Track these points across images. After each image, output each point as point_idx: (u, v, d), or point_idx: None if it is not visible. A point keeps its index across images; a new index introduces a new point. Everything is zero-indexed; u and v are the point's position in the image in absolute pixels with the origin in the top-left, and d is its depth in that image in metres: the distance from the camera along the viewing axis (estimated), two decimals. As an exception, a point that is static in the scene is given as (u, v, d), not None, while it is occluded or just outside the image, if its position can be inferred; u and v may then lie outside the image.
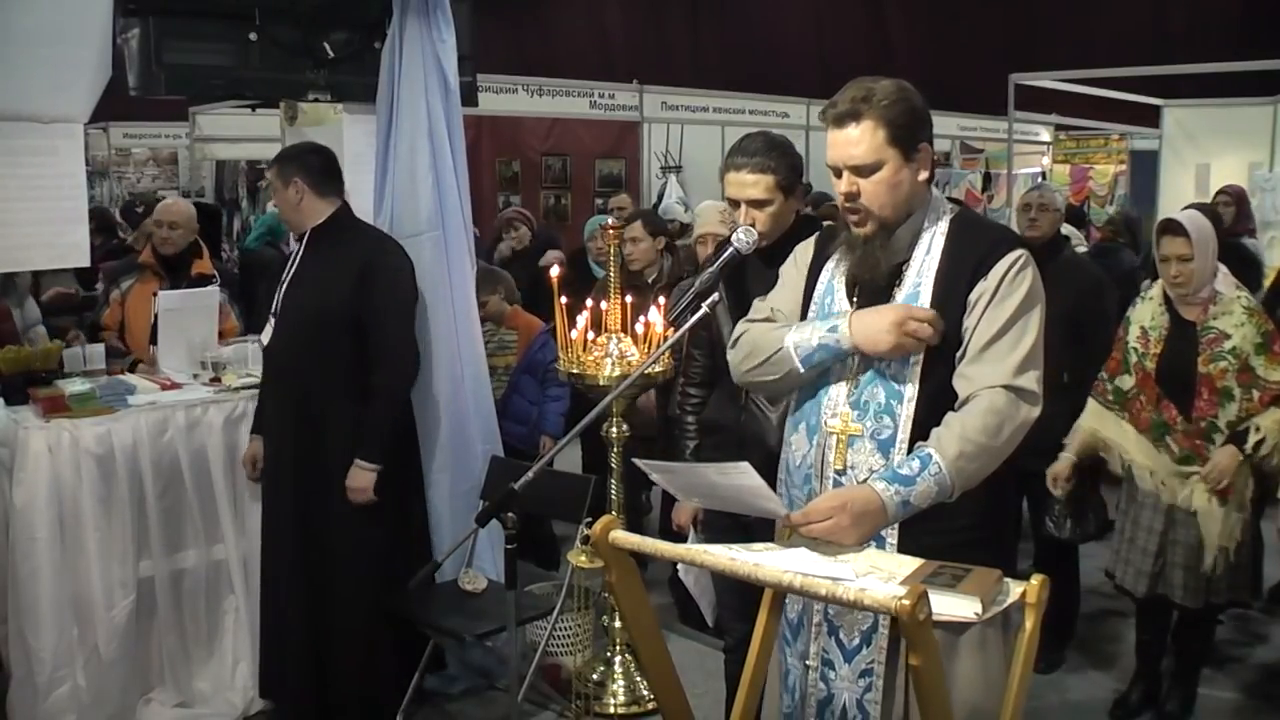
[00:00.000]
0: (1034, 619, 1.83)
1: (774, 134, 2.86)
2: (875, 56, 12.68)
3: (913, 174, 2.12)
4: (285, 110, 4.35)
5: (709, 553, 1.89)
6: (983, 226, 2.32)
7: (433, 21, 3.69)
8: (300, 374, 3.43)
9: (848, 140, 2.10)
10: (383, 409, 3.42)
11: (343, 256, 3.43)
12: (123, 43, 3.40)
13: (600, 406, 2.45)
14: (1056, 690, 3.93)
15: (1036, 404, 2.06)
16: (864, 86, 2.10)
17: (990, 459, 2.01)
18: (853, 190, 2.11)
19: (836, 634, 2.16)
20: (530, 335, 4.66)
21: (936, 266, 2.12)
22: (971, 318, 2.08)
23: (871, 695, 2.11)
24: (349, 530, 3.43)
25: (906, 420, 2.08)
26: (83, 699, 3.41)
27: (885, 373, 2.10)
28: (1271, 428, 3.33)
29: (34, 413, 3.55)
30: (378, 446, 3.40)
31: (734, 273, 2.80)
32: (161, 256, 4.67)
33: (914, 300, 2.12)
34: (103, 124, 11.13)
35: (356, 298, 3.37)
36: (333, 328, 3.38)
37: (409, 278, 3.52)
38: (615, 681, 3.78)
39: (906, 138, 2.09)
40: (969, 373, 2.06)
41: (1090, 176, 12.92)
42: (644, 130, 9.26)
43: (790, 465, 2.24)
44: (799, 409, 2.24)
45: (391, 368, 3.43)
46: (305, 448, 3.43)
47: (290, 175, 3.44)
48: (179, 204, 4.95)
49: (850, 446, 2.12)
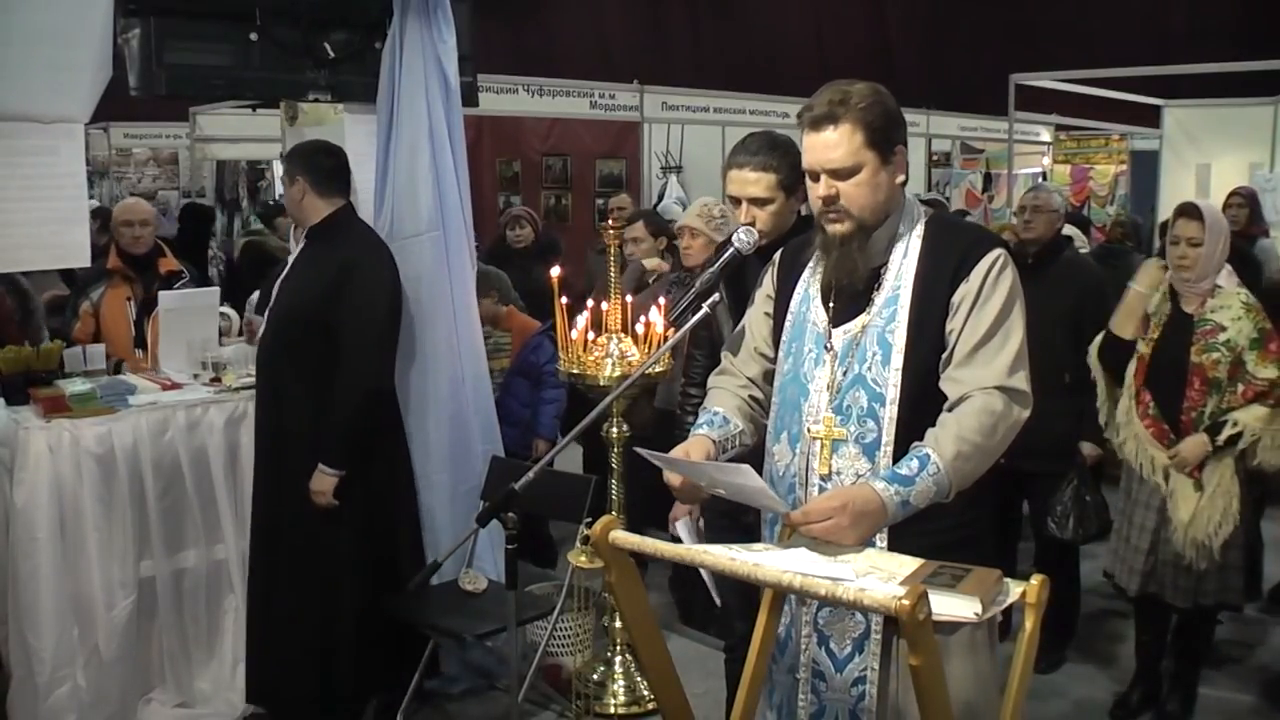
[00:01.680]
0: (1034, 619, 1.83)
1: (777, 133, 2.85)
2: (875, 56, 12.69)
3: (890, 176, 2.12)
4: (285, 110, 4.34)
5: (709, 553, 1.89)
6: (959, 228, 2.34)
7: (433, 22, 3.69)
8: (275, 372, 3.45)
9: (826, 144, 2.09)
10: (342, 414, 3.36)
11: (327, 258, 3.43)
12: (123, 43, 3.40)
13: (601, 406, 2.45)
14: (1056, 690, 3.93)
15: (1028, 405, 2.06)
16: (840, 90, 2.09)
17: (985, 459, 2.01)
18: (831, 194, 2.11)
19: (827, 643, 2.15)
20: (524, 337, 4.63)
21: (915, 269, 2.12)
22: (956, 320, 2.07)
23: (865, 704, 2.10)
24: (312, 532, 3.42)
25: (890, 423, 2.07)
26: (83, 699, 3.42)
27: (867, 376, 2.10)
28: (1250, 423, 3.35)
29: (34, 413, 3.55)
30: (338, 451, 3.36)
31: (735, 275, 2.80)
32: (130, 258, 4.64)
33: (894, 303, 2.11)
34: (103, 124, 11.11)
35: (329, 300, 3.35)
36: (304, 327, 3.38)
37: (386, 285, 3.45)
38: (615, 681, 3.78)
39: (883, 140, 2.09)
40: (959, 375, 2.05)
41: (1091, 177, 12.91)
42: (644, 130, 9.25)
43: (774, 475, 2.22)
44: (779, 418, 2.23)
45: (352, 373, 3.36)
46: (276, 447, 3.46)
47: (294, 173, 3.47)
48: (140, 202, 4.93)
49: (835, 452, 2.11)
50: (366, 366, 3.38)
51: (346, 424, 3.37)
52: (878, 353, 2.10)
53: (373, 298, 3.41)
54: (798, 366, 2.20)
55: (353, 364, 3.36)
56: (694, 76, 11.77)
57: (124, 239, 4.65)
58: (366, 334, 3.38)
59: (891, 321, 2.10)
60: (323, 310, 3.36)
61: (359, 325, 3.36)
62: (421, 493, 3.78)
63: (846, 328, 2.15)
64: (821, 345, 2.16)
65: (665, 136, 9.92)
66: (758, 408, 2.32)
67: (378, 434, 3.50)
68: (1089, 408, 3.71)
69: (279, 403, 3.45)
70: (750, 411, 2.31)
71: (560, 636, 3.84)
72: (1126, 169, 11.76)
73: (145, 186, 11.89)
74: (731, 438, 2.24)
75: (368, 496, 3.48)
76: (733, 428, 2.25)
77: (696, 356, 3.14)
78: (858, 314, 2.14)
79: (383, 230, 3.70)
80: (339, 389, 3.35)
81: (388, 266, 3.50)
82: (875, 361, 2.10)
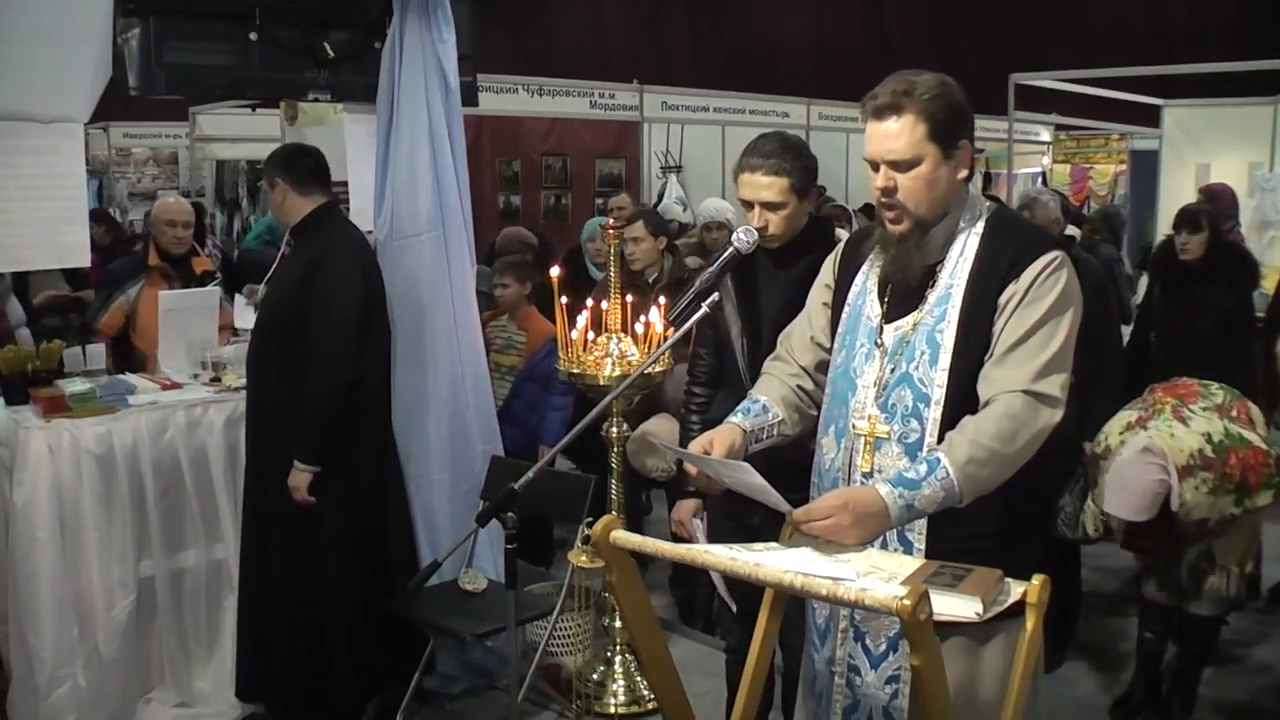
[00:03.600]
0: (1035, 619, 1.83)
1: (789, 135, 2.82)
2: (875, 56, 12.67)
3: (951, 172, 2.07)
4: (285, 110, 4.36)
5: (709, 553, 1.88)
6: (1019, 228, 2.21)
7: (433, 21, 3.68)
8: (259, 369, 3.47)
9: (887, 134, 2.04)
10: (314, 409, 3.36)
11: (301, 254, 3.47)
12: (123, 43, 3.40)
13: (600, 407, 2.45)
14: (1057, 690, 3.93)
15: (1059, 409, 1.99)
16: (905, 80, 2.04)
17: (1003, 465, 1.96)
18: (889, 185, 2.06)
19: (863, 640, 2.14)
20: (539, 341, 4.59)
21: (970, 268, 2.07)
22: (1000, 320, 2.03)
23: (898, 702, 2.09)
24: (294, 531, 3.44)
25: (934, 423, 2.04)
26: (83, 699, 3.42)
27: (914, 375, 2.07)
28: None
29: (34, 413, 3.55)
30: (311, 447, 3.37)
31: (744, 274, 2.79)
32: (168, 256, 4.68)
33: (945, 302, 2.07)
34: (103, 124, 11.12)
35: (301, 296, 3.37)
36: (282, 325, 3.41)
37: (354, 280, 3.44)
38: (615, 681, 3.78)
39: (946, 134, 2.04)
40: (991, 375, 2.01)
41: (1090, 176, 12.92)
42: (644, 130, 9.25)
43: (821, 468, 2.21)
44: (828, 411, 2.21)
45: (322, 368, 3.36)
46: (258, 445, 3.48)
47: (274, 175, 3.51)
48: (182, 202, 4.99)
49: (877, 449, 2.08)
50: (335, 361, 3.37)
51: (317, 418, 3.36)
52: (926, 352, 2.07)
53: (338, 293, 3.39)
54: (849, 360, 2.17)
55: (321, 359, 3.36)
56: (694, 76, 11.76)
57: (165, 238, 4.68)
58: (333, 329, 3.37)
59: (941, 321, 2.06)
60: (295, 309, 3.38)
61: (325, 321, 3.36)
62: (422, 493, 3.77)
63: (898, 324, 2.11)
64: (873, 340, 2.13)
65: (665, 136, 9.93)
66: (806, 398, 2.27)
67: (357, 430, 3.49)
68: (1093, 408, 3.71)
69: (264, 404, 3.47)
70: (797, 401, 2.26)
71: (560, 636, 3.84)
72: (1126, 169, 11.75)
73: (145, 186, 11.89)
74: (768, 427, 2.20)
75: (351, 495, 3.48)
76: (771, 416, 2.21)
77: (702, 356, 3.12)
78: (911, 311, 2.11)
79: (383, 230, 3.71)
80: (309, 384, 3.35)
81: (356, 261, 3.49)
82: (923, 360, 2.06)
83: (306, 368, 3.36)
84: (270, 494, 3.44)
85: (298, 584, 3.47)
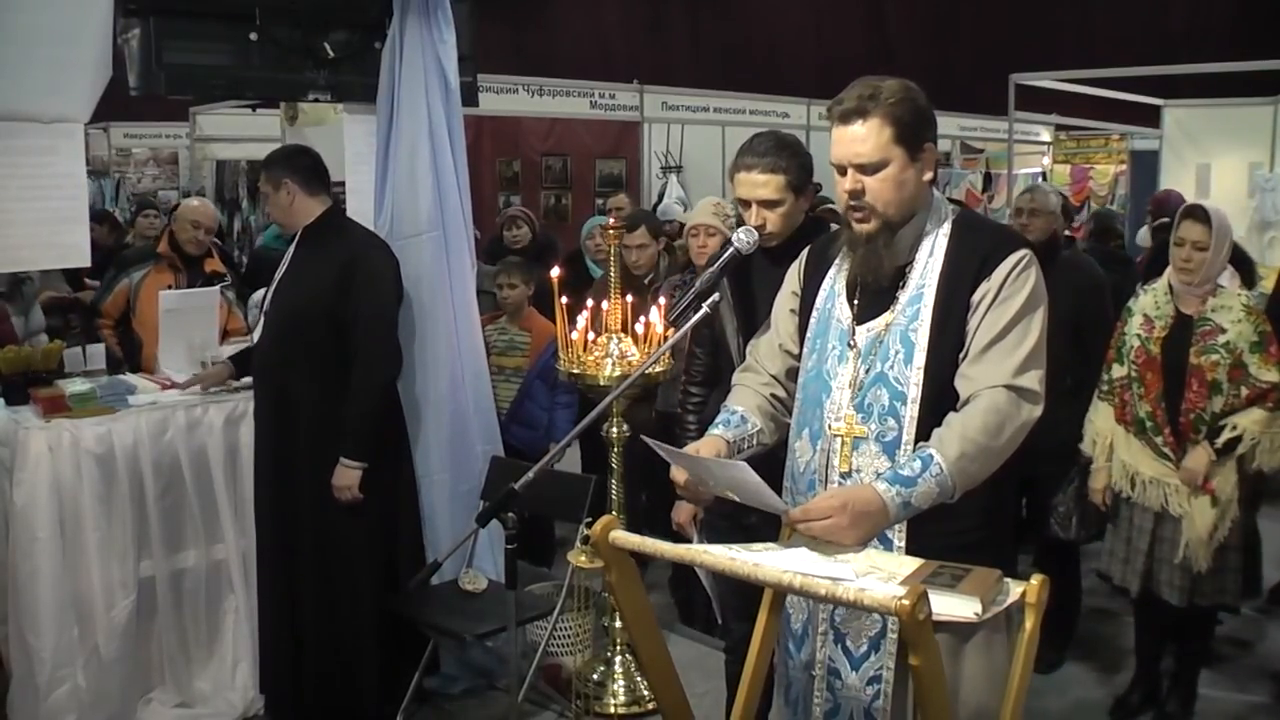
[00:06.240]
0: (1034, 619, 1.83)
1: (784, 133, 2.83)
2: (875, 56, 12.67)
3: (917, 174, 2.11)
4: (285, 110, 4.36)
5: (709, 553, 1.89)
6: (986, 228, 2.30)
7: (433, 21, 3.69)
8: (280, 371, 3.46)
9: (853, 137, 2.08)
10: (362, 406, 3.41)
11: (328, 255, 3.46)
12: (123, 43, 3.40)
13: (600, 407, 2.45)
14: (1056, 690, 3.93)
15: (1038, 404, 2.04)
16: (871, 85, 2.09)
17: (991, 459, 2.00)
18: (857, 188, 2.10)
19: (843, 641, 2.14)
20: (544, 340, 4.57)
21: (940, 268, 2.11)
22: (974, 318, 2.07)
23: (880, 703, 2.09)
24: (321, 527, 3.45)
25: (911, 421, 2.06)
26: (83, 699, 3.41)
27: (889, 375, 2.09)
28: (1250, 427, 3.34)
29: (34, 413, 3.55)
30: (361, 444, 3.40)
31: (740, 273, 2.79)
32: (182, 252, 4.71)
33: (918, 302, 2.10)
34: (103, 124, 11.13)
35: (337, 295, 3.39)
36: (313, 325, 3.41)
37: (392, 277, 3.52)
38: (615, 681, 3.78)
39: (912, 137, 2.09)
40: (970, 373, 2.05)
41: (1091, 176, 12.94)
42: (644, 130, 9.25)
43: (794, 471, 2.22)
44: (801, 415, 2.23)
45: (369, 365, 3.42)
46: (282, 444, 3.47)
47: (280, 177, 3.50)
48: (207, 205, 5.10)
49: (855, 449, 2.10)
50: (382, 359, 3.46)
51: (368, 415, 3.42)
52: (900, 351, 2.09)
53: (381, 292, 3.47)
54: (821, 363, 2.19)
55: (369, 355, 3.41)
56: (694, 76, 11.76)
57: (185, 235, 4.75)
58: (378, 327, 3.44)
59: (915, 320, 2.09)
60: (332, 307, 3.39)
61: (371, 317, 3.42)
62: (422, 493, 3.78)
63: (870, 325, 2.14)
64: (845, 342, 2.16)
65: (665, 136, 9.93)
66: (780, 406, 2.31)
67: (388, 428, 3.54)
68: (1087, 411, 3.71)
69: (289, 404, 3.44)
70: (772, 410, 2.30)
71: (560, 636, 3.84)
72: (1126, 169, 11.76)
73: (145, 186, 11.91)
74: (748, 437, 2.23)
75: (380, 492, 3.51)
76: (750, 427, 2.24)
77: (698, 355, 3.13)
78: (882, 312, 2.14)
79: (382, 230, 3.70)
80: (357, 381, 3.40)
81: (390, 258, 3.55)
82: (898, 360, 2.09)
83: (335, 367, 3.39)
84: (302, 494, 3.44)
85: (330, 582, 3.48)
